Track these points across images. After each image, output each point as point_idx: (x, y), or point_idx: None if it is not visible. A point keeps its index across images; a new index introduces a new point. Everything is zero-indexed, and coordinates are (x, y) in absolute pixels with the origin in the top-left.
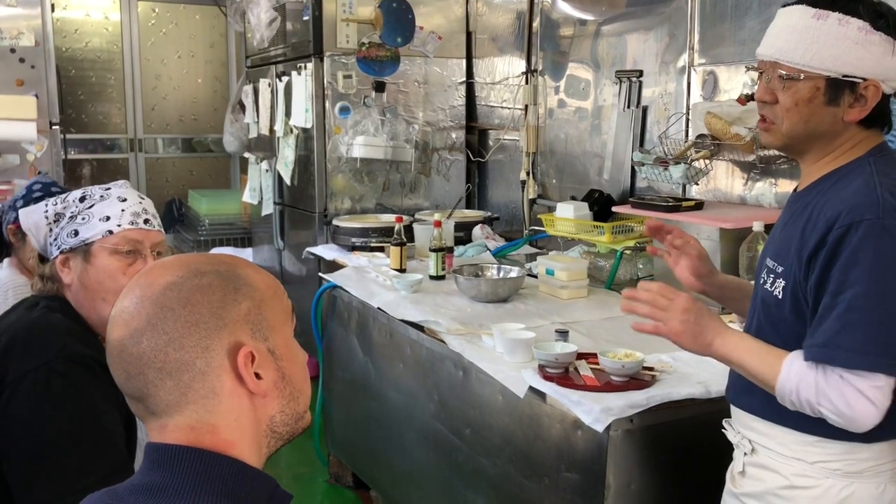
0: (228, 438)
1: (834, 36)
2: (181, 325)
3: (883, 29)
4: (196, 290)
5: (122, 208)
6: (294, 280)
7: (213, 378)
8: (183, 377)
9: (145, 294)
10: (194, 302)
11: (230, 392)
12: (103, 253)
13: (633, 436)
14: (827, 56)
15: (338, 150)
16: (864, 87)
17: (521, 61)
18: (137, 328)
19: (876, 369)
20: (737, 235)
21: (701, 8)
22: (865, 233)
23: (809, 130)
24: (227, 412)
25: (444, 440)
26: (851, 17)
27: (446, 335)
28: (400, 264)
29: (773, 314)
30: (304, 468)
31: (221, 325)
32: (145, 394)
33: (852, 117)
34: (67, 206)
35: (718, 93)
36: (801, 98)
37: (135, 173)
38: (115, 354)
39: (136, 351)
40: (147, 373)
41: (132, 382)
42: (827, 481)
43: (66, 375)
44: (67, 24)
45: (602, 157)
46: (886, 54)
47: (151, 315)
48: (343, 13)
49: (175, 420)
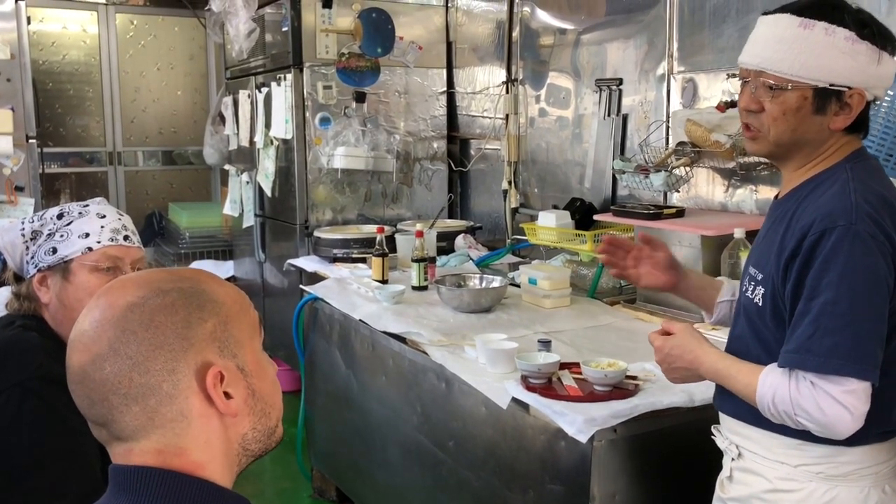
0: (198, 460)
1: (822, 45)
2: (145, 349)
3: (868, 38)
4: (159, 310)
5: (101, 225)
6: (275, 292)
7: (182, 401)
8: (149, 402)
9: (105, 316)
10: (157, 323)
11: (199, 414)
12: (83, 270)
13: (616, 446)
14: (815, 66)
15: (318, 161)
16: (850, 95)
17: (502, 71)
18: (99, 353)
19: (846, 373)
20: (718, 242)
21: (679, 16)
22: (838, 239)
23: (796, 139)
24: (196, 434)
25: (427, 453)
26: (838, 27)
27: (429, 346)
28: (382, 275)
29: (756, 323)
30: (287, 483)
31: (187, 345)
32: (109, 420)
33: (838, 125)
34: (45, 224)
35: (698, 100)
36: (789, 107)
37: (114, 186)
38: (76, 381)
39: (98, 377)
40: (111, 399)
41: (96, 409)
42: (810, 485)
43: (42, 395)
44: (44, 36)
45: (583, 165)
46: (872, 63)
47: (113, 339)
48: (322, 24)
49: (141, 444)
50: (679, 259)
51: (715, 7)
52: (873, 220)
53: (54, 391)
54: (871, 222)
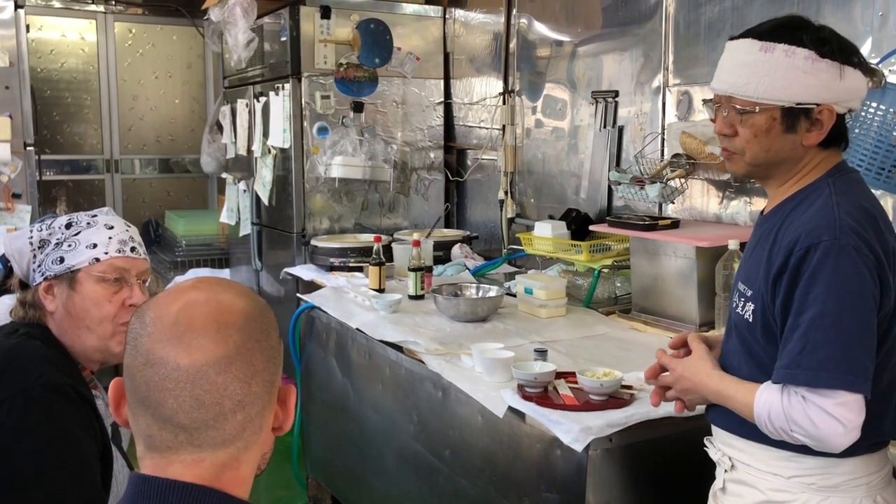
0: (245, 475)
1: (783, 67)
2: (265, 359)
3: (829, 55)
4: (269, 323)
5: (109, 236)
6: (272, 301)
7: (267, 414)
8: (252, 411)
9: (227, 320)
10: (270, 336)
11: (268, 428)
12: (89, 280)
13: (612, 454)
14: (778, 87)
15: (316, 171)
16: (819, 111)
17: (499, 82)
18: (226, 355)
19: (836, 386)
20: (713, 254)
21: (675, 30)
22: (823, 254)
23: (771, 158)
24: (259, 449)
25: (423, 461)
26: (798, 48)
27: (425, 355)
28: (379, 284)
29: (747, 339)
30: (282, 491)
31: (279, 361)
32: (210, 425)
33: (811, 141)
34: (53, 233)
35: (693, 113)
36: (759, 129)
37: (111, 194)
38: (186, 380)
39: (221, 380)
40: (225, 403)
41: (201, 412)
42: (803, 496)
43: (44, 403)
44: (43, 44)
45: (579, 176)
46: (835, 79)
47: (240, 344)
48: (321, 34)
49: (216, 455)
50: (674, 270)
51: (710, 21)
52: (857, 234)
53: (57, 400)
54: (854, 236)
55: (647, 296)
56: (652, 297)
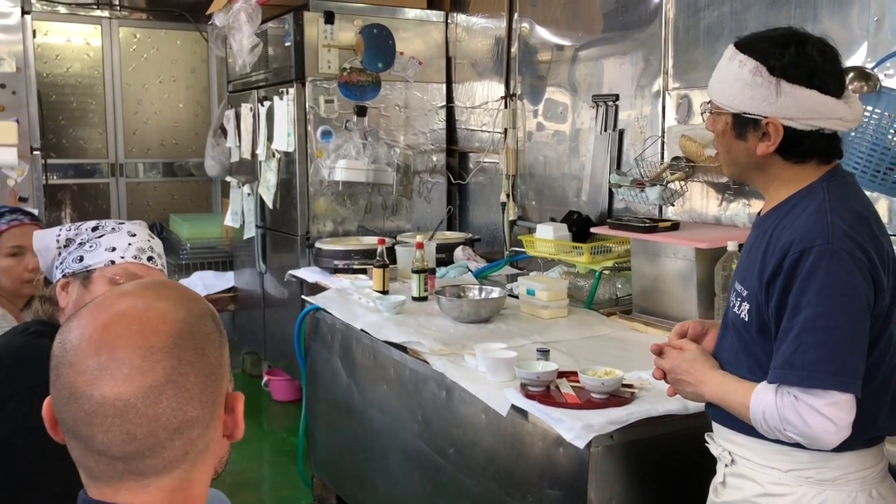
0: (199, 491)
1: (734, 76)
2: (201, 380)
3: (774, 72)
4: (204, 337)
5: (129, 242)
6: (276, 303)
7: (212, 430)
8: (192, 434)
9: (153, 344)
10: (206, 352)
11: (217, 442)
12: (102, 281)
13: (613, 452)
14: (729, 94)
15: (320, 174)
16: (766, 123)
17: (500, 86)
18: (154, 385)
19: (828, 386)
20: (712, 255)
21: (675, 34)
22: (816, 257)
23: (731, 160)
24: (207, 464)
25: (428, 460)
26: (750, 59)
27: (429, 356)
28: (382, 286)
29: (744, 337)
30: (287, 491)
31: (223, 371)
32: (147, 455)
33: (761, 151)
34: (79, 234)
35: (692, 116)
36: (719, 131)
37: (115, 198)
38: (112, 415)
39: (151, 412)
40: (159, 434)
41: (134, 445)
42: (800, 489)
43: None
44: (49, 49)
45: (580, 179)
46: (772, 95)
47: (170, 370)
48: (325, 39)
49: (162, 480)
50: (674, 271)
51: (709, 26)
52: (850, 238)
53: None
54: (847, 240)
55: (648, 297)
56: (652, 298)
